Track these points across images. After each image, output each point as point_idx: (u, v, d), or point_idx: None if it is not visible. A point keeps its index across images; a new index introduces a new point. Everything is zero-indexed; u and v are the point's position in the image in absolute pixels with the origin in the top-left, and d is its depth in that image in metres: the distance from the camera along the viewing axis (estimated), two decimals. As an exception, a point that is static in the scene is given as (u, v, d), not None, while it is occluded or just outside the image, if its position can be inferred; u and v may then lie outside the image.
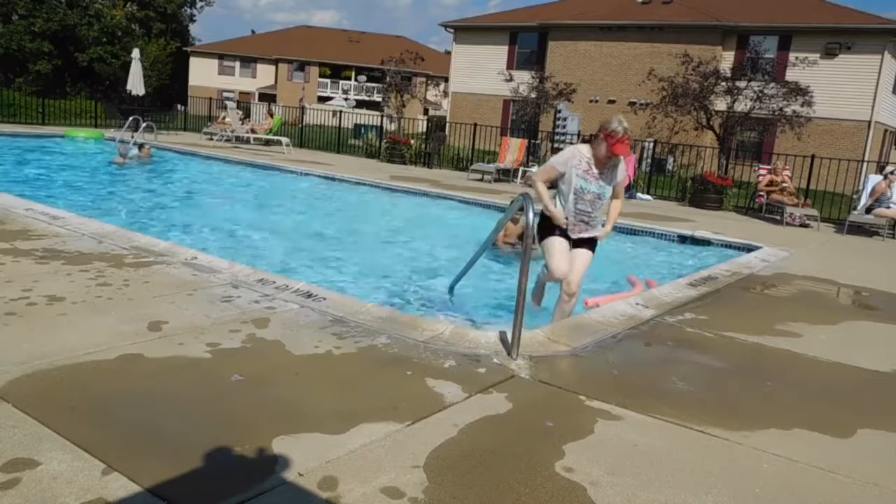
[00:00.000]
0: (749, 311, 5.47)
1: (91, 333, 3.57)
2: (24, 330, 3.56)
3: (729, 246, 8.89)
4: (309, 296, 4.57)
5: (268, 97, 46.87)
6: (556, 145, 22.20)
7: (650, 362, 4.04)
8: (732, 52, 24.90)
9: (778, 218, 12.04)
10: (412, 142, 18.97)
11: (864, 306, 6.20)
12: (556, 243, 4.52)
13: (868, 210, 11.56)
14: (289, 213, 10.33)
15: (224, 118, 21.34)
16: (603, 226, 4.68)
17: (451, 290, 5.78)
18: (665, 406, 3.28)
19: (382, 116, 21.38)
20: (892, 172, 11.75)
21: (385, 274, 6.68)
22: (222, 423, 2.75)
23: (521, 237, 7.56)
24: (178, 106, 29.81)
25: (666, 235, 9.59)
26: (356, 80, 49.41)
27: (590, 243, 4.64)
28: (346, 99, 45.66)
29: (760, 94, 16.62)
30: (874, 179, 11.96)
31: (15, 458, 2.33)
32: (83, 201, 9.18)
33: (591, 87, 27.30)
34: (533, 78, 23.38)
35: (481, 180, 15.15)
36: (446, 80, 37.14)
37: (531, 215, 3.94)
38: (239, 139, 19.88)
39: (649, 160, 18.13)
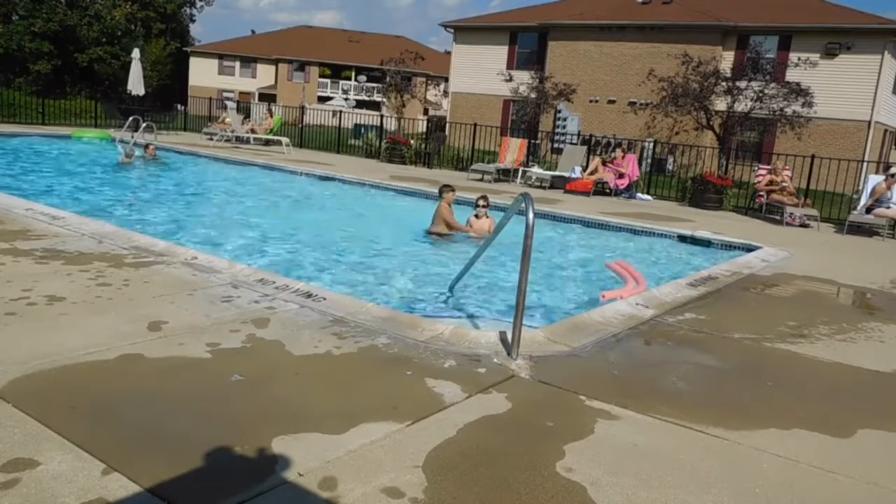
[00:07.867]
0: (749, 311, 5.47)
1: (91, 333, 3.57)
2: (24, 330, 3.56)
3: (729, 246, 8.89)
4: (309, 296, 4.57)
5: (268, 97, 46.86)
6: (555, 145, 22.23)
7: (650, 362, 4.04)
8: (732, 52, 24.88)
9: (778, 218, 12.03)
10: (412, 142, 18.96)
11: (863, 306, 6.20)
12: None
13: (868, 210, 11.55)
14: (288, 213, 10.33)
15: (224, 118, 21.34)
16: None
17: (450, 289, 5.78)
18: (665, 406, 3.28)
19: (382, 116, 21.37)
20: (893, 175, 11.73)
21: (385, 274, 6.68)
22: (222, 423, 2.75)
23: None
24: (178, 106, 29.78)
25: (666, 235, 9.58)
26: (356, 80, 49.44)
27: None
28: (346, 99, 45.67)
29: (760, 95, 16.61)
30: (874, 179, 11.95)
31: (15, 458, 2.33)
32: (87, 201, 9.17)
33: (590, 87, 27.28)
34: (533, 78, 23.38)
35: (481, 180, 15.14)
36: (446, 80, 37.13)
37: (531, 215, 3.94)
38: (239, 139, 19.88)
39: (649, 160, 18.12)
